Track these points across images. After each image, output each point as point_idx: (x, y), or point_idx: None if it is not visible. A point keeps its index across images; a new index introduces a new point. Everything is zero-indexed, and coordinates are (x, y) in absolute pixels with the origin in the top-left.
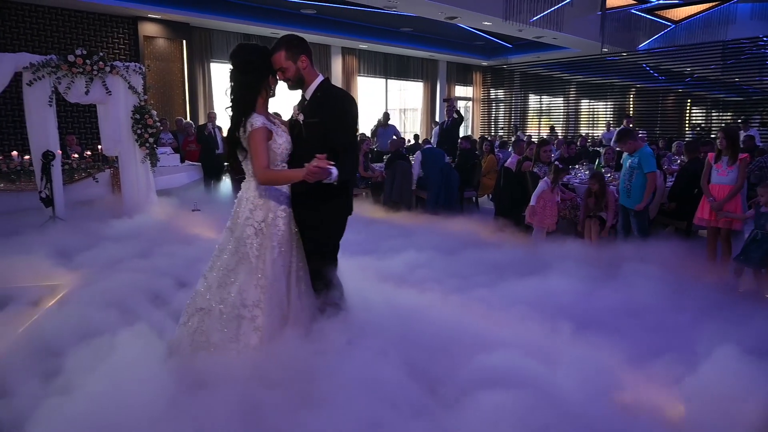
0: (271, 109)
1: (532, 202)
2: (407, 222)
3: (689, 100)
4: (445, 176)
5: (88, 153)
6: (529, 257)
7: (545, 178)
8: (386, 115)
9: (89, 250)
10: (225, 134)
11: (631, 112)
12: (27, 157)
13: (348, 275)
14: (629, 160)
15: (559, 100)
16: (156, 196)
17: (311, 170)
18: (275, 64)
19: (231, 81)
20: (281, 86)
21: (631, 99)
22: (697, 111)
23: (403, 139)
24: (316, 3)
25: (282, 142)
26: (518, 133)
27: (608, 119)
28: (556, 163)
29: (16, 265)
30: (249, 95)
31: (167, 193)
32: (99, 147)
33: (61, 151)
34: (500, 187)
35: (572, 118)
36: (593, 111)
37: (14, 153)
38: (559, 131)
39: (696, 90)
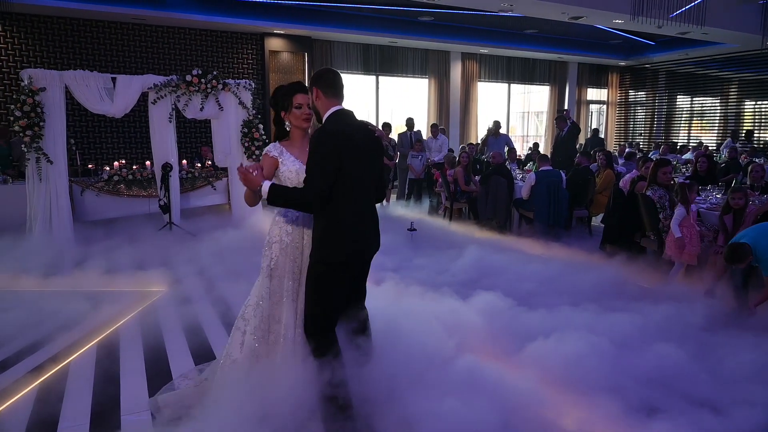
0: None
1: (675, 233)
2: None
3: None
4: (553, 193)
5: (209, 162)
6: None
7: (679, 203)
8: (497, 124)
9: (189, 260)
10: None
11: None
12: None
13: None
14: None
15: (716, 101)
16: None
17: (238, 170)
18: None
19: None
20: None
21: None
22: None
23: (514, 149)
24: (433, 10)
25: (284, 170)
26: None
27: None
28: (683, 180)
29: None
30: (275, 128)
31: None
32: None
33: (186, 161)
34: (610, 210)
35: (732, 120)
36: (760, 112)
37: (147, 163)
38: (713, 137)
39: None
